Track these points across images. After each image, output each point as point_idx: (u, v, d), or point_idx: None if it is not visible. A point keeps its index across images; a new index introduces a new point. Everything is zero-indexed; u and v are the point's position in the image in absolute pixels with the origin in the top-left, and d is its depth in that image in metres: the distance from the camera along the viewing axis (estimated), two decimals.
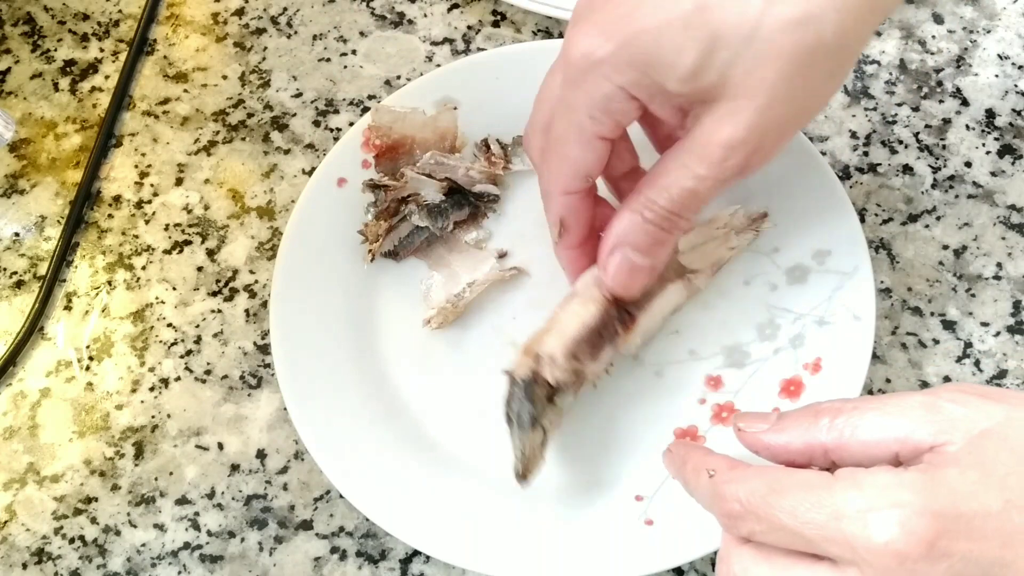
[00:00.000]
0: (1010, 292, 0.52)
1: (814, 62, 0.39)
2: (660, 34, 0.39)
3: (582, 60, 0.40)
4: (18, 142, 0.60)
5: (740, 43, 0.38)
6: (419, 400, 0.50)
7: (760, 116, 0.39)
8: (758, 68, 0.38)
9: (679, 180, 0.41)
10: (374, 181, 0.53)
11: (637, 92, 0.40)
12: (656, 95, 0.40)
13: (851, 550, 0.32)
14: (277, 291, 0.51)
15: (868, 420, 0.34)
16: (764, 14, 0.37)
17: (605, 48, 0.39)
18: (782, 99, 0.39)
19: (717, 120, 0.40)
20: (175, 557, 0.49)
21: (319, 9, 0.63)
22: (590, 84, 0.40)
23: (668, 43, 0.39)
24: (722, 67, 0.38)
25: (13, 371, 0.54)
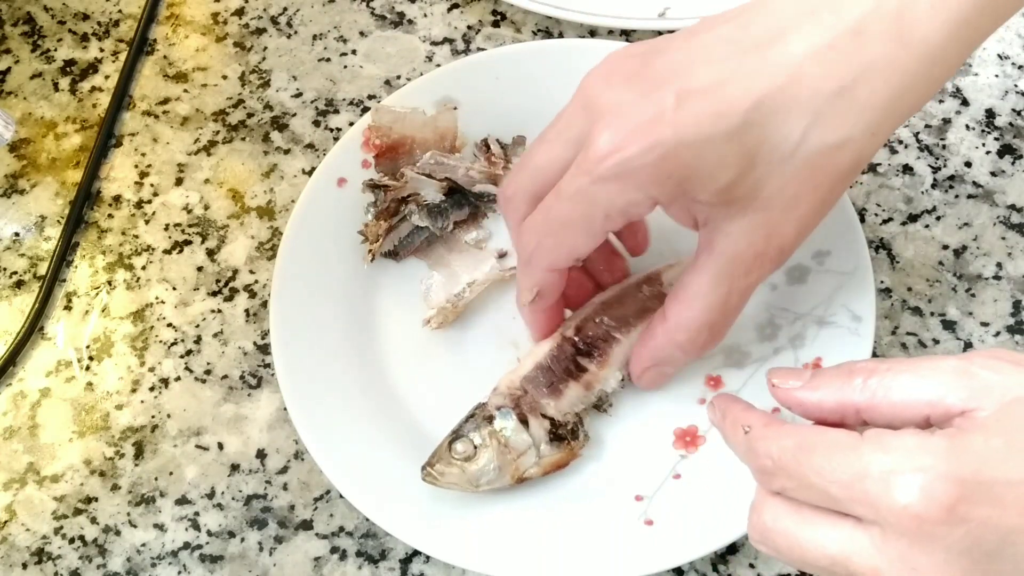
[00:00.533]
0: (1010, 292, 0.52)
1: (847, 178, 0.40)
2: (703, 149, 0.38)
3: (613, 162, 0.38)
4: (18, 142, 0.60)
5: (781, 160, 0.38)
6: (419, 400, 0.50)
7: (794, 227, 0.41)
8: (796, 184, 0.39)
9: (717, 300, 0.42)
10: (374, 181, 0.53)
11: (663, 199, 0.40)
12: (680, 202, 0.40)
13: (874, 510, 0.32)
14: (277, 291, 0.51)
15: (900, 382, 0.35)
16: (806, 136, 0.38)
17: (643, 158, 0.38)
18: (816, 212, 0.41)
19: (746, 229, 0.40)
20: (175, 557, 0.49)
21: (319, 9, 0.63)
22: (617, 187, 0.39)
23: (709, 158, 0.38)
24: (756, 182, 0.39)
25: (13, 371, 0.54)
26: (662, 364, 0.46)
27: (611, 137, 0.38)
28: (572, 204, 0.40)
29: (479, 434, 0.46)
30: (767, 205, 0.39)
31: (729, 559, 0.47)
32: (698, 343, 0.44)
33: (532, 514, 0.47)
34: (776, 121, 0.38)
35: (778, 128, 0.38)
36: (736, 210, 0.40)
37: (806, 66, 0.38)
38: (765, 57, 0.38)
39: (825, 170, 0.39)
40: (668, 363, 0.46)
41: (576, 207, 0.40)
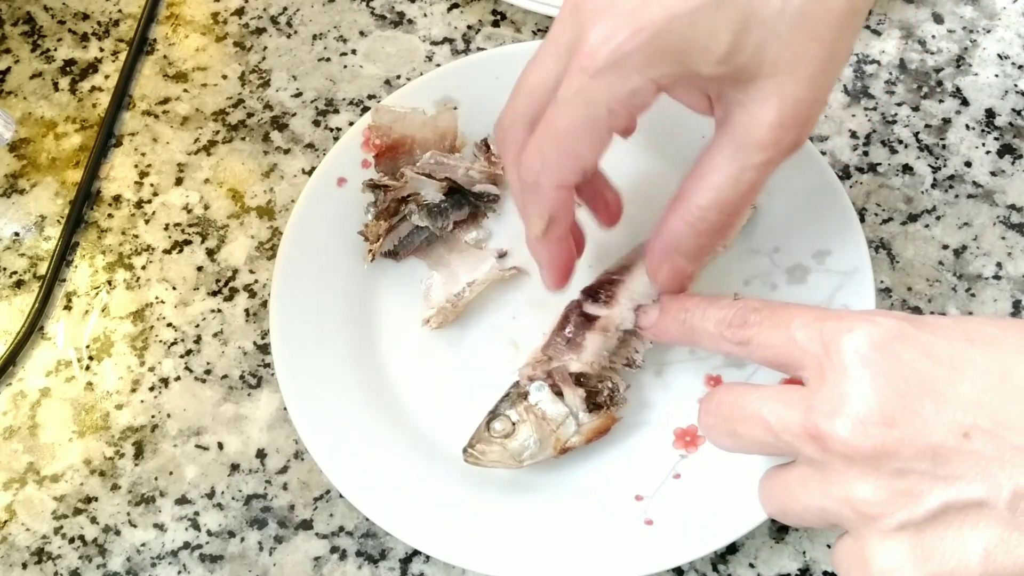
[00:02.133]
0: (1010, 292, 0.52)
1: (846, 26, 0.39)
2: (692, 19, 0.37)
3: (606, 52, 0.38)
4: (18, 142, 0.60)
5: (773, 18, 0.37)
6: (419, 400, 0.50)
7: (807, 88, 0.39)
8: (796, 40, 0.38)
9: (732, 176, 0.40)
10: (374, 181, 0.53)
11: (666, 81, 0.39)
12: (684, 81, 0.39)
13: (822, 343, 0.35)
14: (277, 291, 0.51)
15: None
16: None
17: (635, 40, 0.37)
18: (825, 68, 0.39)
19: (760, 101, 0.39)
20: (175, 557, 0.49)
21: (319, 9, 0.63)
22: (615, 77, 0.38)
23: (701, 28, 0.37)
24: (757, 45, 0.38)
25: (13, 371, 0.54)
26: (676, 252, 0.43)
27: (601, 30, 0.38)
28: (573, 107, 0.39)
29: (515, 411, 0.46)
30: (774, 69, 0.38)
31: (729, 559, 0.47)
32: (710, 221, 0.41)
33: (532, 514, 0.47)
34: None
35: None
36: (745, 80, 0.39)
37: None
38: None
39: (820, 18, 0.38)
40: (682, 250, 0.43)
41: (578, 109, 0.39)
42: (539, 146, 0.41)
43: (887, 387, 0.33)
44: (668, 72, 0.38)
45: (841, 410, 0.34)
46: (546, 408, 0.46)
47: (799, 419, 0.35)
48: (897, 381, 0.33)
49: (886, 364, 0.34)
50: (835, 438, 0.34)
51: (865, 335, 0.34)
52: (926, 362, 0.34)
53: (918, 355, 0.34)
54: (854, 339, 0.34)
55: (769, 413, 0.36)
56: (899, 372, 0.34)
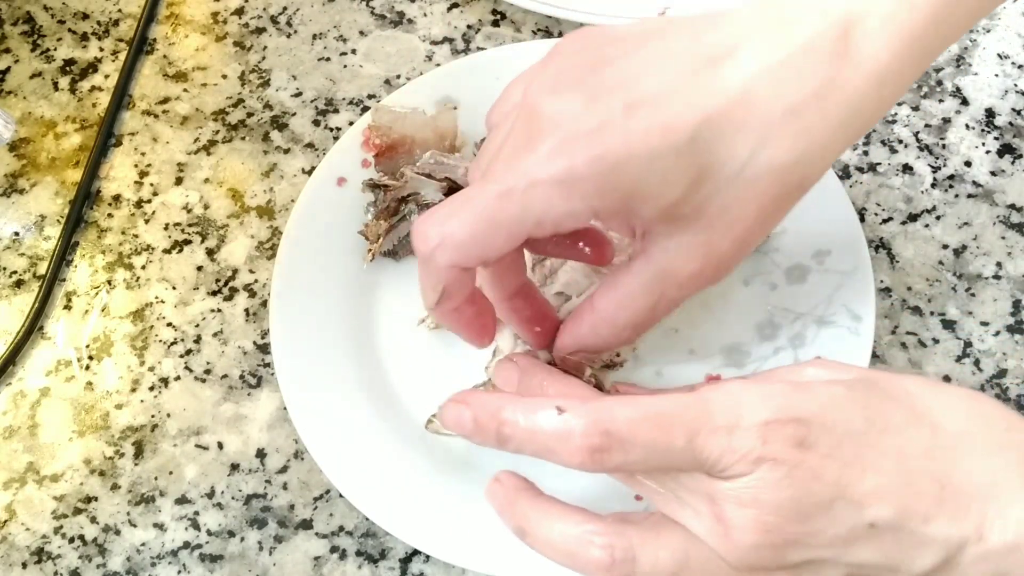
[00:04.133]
0: (1010, 291, 0.52)
1: (792, 198, 0.39)
2: (651, 164, 0.36)
3: (551, 173, 0.36)
4: (18, 141, 0.60)
5: (727, 179, 0.37)
6: (419, 399, 0.50)
7: (733, 245, 0.39)
8: (739, 204, 0.38)
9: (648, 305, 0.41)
10: (374, 181, 0.53)
11: (603, 213, 0.38)
12: (621, 215, 0.38)
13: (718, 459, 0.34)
14: (277, 290, 0.51)
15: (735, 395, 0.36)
16: (754, 156, 0.37)
17: (589, 168, 0.36)
18: (757, 232, 0.40)
19: (684, 248, 0.39)
20: (175, 556, 0.49)
21: (319, 8, 0.63)
22: (558, 195, 0.36)
23: (656, 174, 0.37)
24: (701, 200, 0.38)
25: (13, 370, 0.54)
26: (585, 348, 0.44)
27: (549, 144, 0.36)
28: (504, 203, 0.37)
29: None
30: (709, 225, 0.38)
31: None
32: (621, 338, 0.43)
33: None
34: (725, 140, 0.37)
35: (727, 147, 0.37)
36: (677, 227, 0.39)
37: (756, 84, 0.37)
38: (715, 72, 0.37)
39: (771, 191, 0.38)
40: (591, 349, 0.44)
41: (508, 208, 0.37)
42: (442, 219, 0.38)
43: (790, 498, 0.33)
44: (610, 206, 0.37)
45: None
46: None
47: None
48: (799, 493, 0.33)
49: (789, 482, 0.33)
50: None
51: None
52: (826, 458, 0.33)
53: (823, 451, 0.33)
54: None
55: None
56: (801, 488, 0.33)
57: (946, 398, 0.35)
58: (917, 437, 0.34)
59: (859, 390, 0.35)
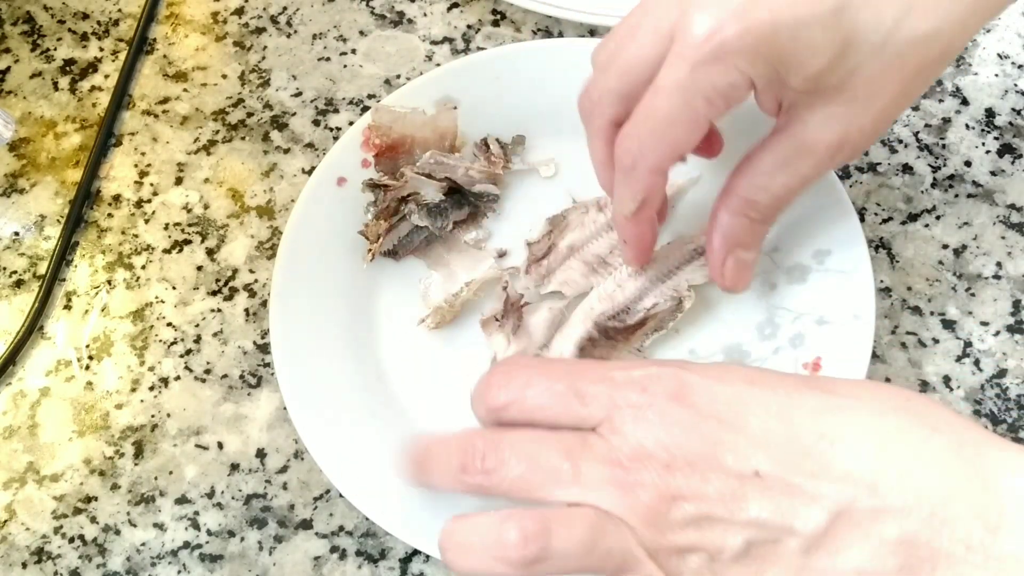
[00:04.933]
0: (1010, 291, 0.52)
1: (932, 72, 0.40)
2: (798, 31, 0.38)
3: (712, 44, 0.38)
4: (18, 141, 0.60)
5: (871, 50, 0.38)
6: (419, 399, 0.50)
7: (873, 120, 0.40)
8: (883, 76, 0.39)
9: (781, 179, 0.42)
10: (374, 180, 0.53)
11: (759, 82, 0.39)
12: (772, 86, 0.40)
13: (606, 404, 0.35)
14: (277, 290, 0.51)
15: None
16: (898, 25, 0.38)
17: (741, 39, 0.38)
18: (897, 105, 0.41)
19: (825, 120, 0.40)
20: (175, 556, 0.49)
21: (319, 8, 0.63)
22: (717, 69, 0.38)
23: (805, 42, 0.38)
24: (847, 70, 0.39)
25: (13, 370, 0.54)
26: (735, 244, 0.45)
27: (707, 19, 0.38)
28: (674, 96, 0.39)
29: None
30: (853, 96, 0.39)
31: None
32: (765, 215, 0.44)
33: None
34: (870, 8, 0.38)
35: (872, 15, 0.38)
36: (821, 99, 0.40)
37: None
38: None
39: (913, 62, 0.39)
40: (743, 243, 0.45)
41: (678, 98, 0.39)
42: (637, 131, 0.41)
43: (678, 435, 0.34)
44: (763, 75, 0.39)
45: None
46: None
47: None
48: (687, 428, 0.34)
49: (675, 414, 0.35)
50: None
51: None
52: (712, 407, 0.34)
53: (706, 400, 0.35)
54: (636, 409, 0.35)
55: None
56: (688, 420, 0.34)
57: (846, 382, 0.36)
58: (806, 399, 0.34)
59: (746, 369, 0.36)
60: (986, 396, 0.50)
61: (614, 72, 0.41)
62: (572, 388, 0.36)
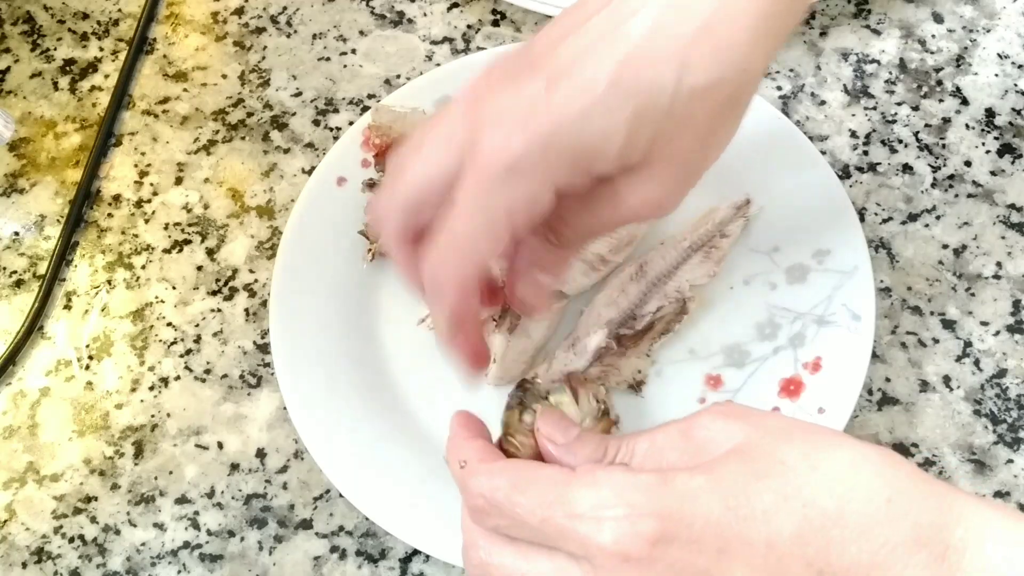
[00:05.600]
0: (1010, 291, 0.52)
1: (728, 119, 0.40)
2: (583, 123, 0.37)
3: (500, 163, 0.37)
4: (18, 141, 0.60)
5: (661, 117, 0.38)
6: (419, 399, 0.50)
7: (676, 180, 0.40)
8: (679, 134, 0.38)
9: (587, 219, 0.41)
10: (374, 180, 0.53)
11: (563, 183, 0.38)
12: (579, 179, 0.39)
13: (583, 547, 0.33)
14: (277, 290, 0.51)
15: (638, 458, 0.36)
16: (679, 83, 0.37)
17: (527, 148, 0.37)
18: (698, 156, 0.40)
19: (634, 185, 0.39)
20: (175, 556, 0.49)
21: (319, 8, 0.63)
22: (512, 186, 0.38)
23: (594, 130, 0.37)
24: (647, 140, 0.38)
25: (13, 370, 0.54)
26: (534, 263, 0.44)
27: (495, 137, 0.37)
28: (473, 213, 0.38)
29: (539, 406, 0.46)
30: (654, 159, 0.39)
31: None
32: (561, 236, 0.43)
33: None
34: (646, 76, 0.37)
35: (650, 81, 0.37)
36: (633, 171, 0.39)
37: (662, 17, 0.37)
38: (623, 28, 0.37)
39: (702, 114, 0.38)
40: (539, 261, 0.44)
41: (480, 217, 0.38)
42: (442, 255, 0.40)
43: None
44: (564, 175, 0.38)
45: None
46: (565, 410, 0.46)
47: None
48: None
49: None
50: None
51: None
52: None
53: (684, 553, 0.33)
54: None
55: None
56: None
57: (826, 469, 0.34)
58: (786, 521, 0.33)
59: (724, 474, 0.34)
60: (986, 396, 0.50)
61: (402, 186, 0.40)
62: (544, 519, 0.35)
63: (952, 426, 0.49)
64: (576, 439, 0.38)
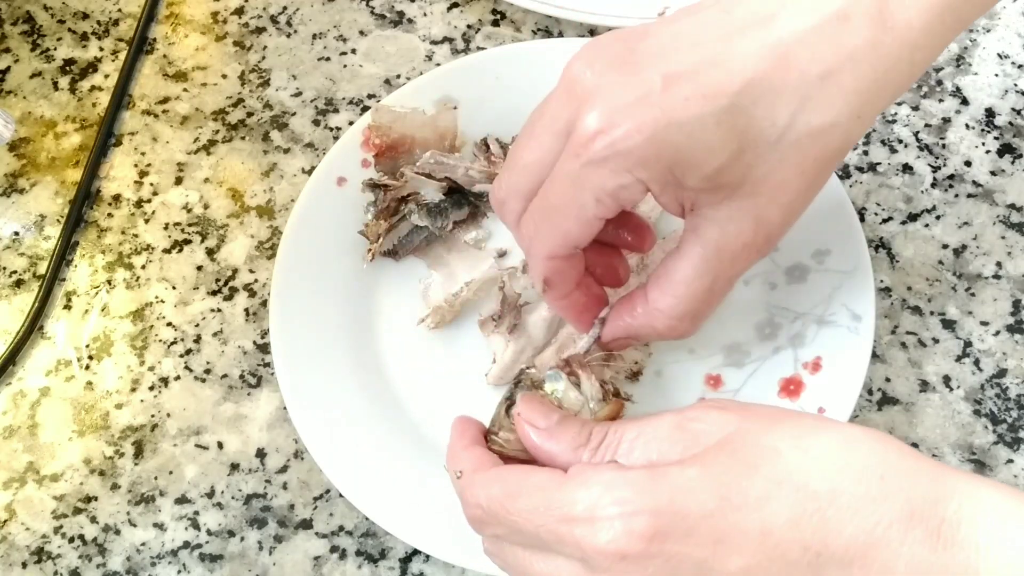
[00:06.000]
0: (1010, 291, 0.52)
1: (833, 162, 0.40)
2: (692, 131, 0.37)
3: (603, 146, 0.37)
4: (18, 141, 0.60)
5: (768, 145, 0.38)
6: (419, 399, 0.50)
7: (781, 213, 0.40)
8: (783, 170, 0.38)
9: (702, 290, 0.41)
10: (374, 180, 0.53)
11: (653, 184, 0.39)
12: (669, 187, 0.39)
13: (580, 550, 0.34)
14: (277, 290, 0.51)
15: (625, 446, 0.36)
16: (794, 120, 0.38)
17: (632, 139, 0.37)
18: (803, 197, 0.40)
19: (736, 220, 0.39)
20: (175, 556, 0.49)
21: (319, 8, 0.63)
22: (607, 171, 0.38)
23: (699, 142, 0.37)
24: (745, 166, 0.38)
25: (13, 370, 0.54)
26: (637, 339, 0.45)
27: (598, 118, 0.37)
28: (563, 189, 0.39)
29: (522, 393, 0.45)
30: (755, 191, 0.39)
31: None
32: (678, 331, 0.43)
33: None
34: (764, 104, 0.37)
35: (767, 112, 0.37)
36: (724, 196, 0.39)
37: (793, 49, 0.37)
38: (752, 39, 0.38)
39: (812, 154, 0.39)
40: (642, 340, 0.45)
41: (567, 192, 0.39)
42: (531, 218, 0.41)
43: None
44: (657, 176, 0.38)
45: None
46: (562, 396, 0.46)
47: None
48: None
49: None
50: None
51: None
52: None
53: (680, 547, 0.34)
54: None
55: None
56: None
57: (817, 451, 0.34)
58: (780, 507, 0.33)
59: (715, 465, 0.34)
60: (986, 396, 0.50)
61: (516, 170, 0.42)
62: (539, 524, 0.35)
63: (952, 426, 0.49)
64: (557, 424, 0.39)
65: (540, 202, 0.41)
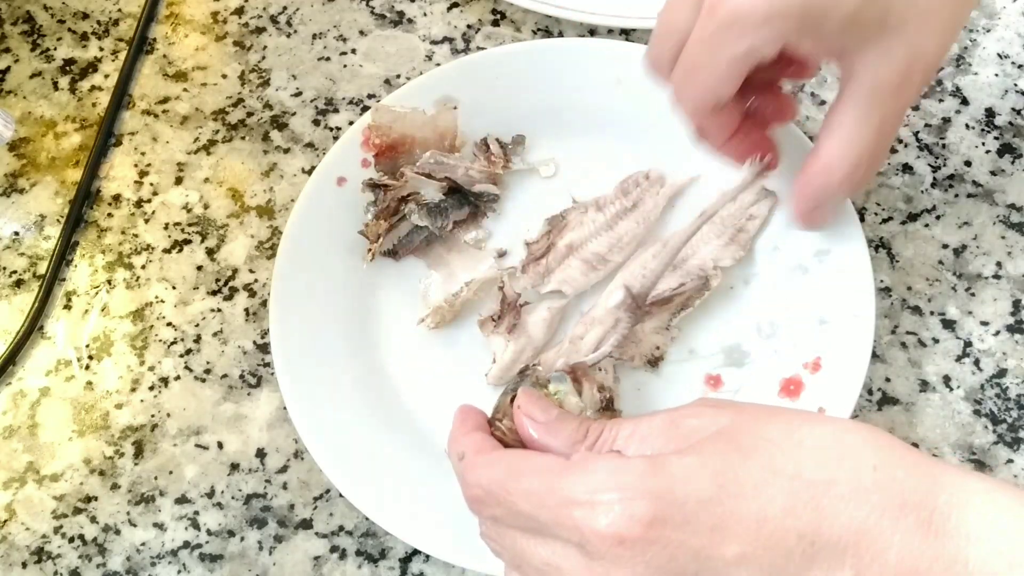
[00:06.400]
0: (1010, 291, 0.52)
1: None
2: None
3: (729, 10, 0.39)
4: (18, 141, 0.60)
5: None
6: (419, 399, 0.50)
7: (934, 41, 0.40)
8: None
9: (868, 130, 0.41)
10: (374, 180, 0.53)
11: (789, 39, 0.40)
12: (807, 38, 0.40)
13: (578, 533, 0.34)
14: (277, 290, 0.51)
15: (620, 443, 0.37)
16: None
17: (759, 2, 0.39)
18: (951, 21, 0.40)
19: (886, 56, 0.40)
20: (175, 556, 0.49)
21: (319, 8, 0.63)
22: (741, 31, 0.40)
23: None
24: (885, 3, 0.39)
25: (13, 370, 0.54)
26: (823, 203, 0.46)
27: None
28: (699, 51, 0.41)
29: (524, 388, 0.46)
30: (901, 23, 0.39)
31: None
32: (856, 177, 0.44)
33: None
34: None
35: None
36: (871, 34, 0.40)
37: None
38: None
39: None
40: (826, 203, 0.46)
41: (703, 54, 0.41)
42: (677, 76, 0.44)
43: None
44: (792, 27, 0.39)
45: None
46: (563, 399, 0.46)
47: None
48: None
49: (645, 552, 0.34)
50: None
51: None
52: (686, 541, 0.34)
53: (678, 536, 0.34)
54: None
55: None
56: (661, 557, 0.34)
57: (811, 443, 0.34)
58: (776, 495, 0.33)
59: (713, 455, 0.34)
60: (986, 396, 0.50)
61: (658, 38, 0.44)
62: (537, 506, 0.36)
63: (952, 426, 0.49)
64: (556, 419, 0.39)
65: (680, 64, 0.43)
